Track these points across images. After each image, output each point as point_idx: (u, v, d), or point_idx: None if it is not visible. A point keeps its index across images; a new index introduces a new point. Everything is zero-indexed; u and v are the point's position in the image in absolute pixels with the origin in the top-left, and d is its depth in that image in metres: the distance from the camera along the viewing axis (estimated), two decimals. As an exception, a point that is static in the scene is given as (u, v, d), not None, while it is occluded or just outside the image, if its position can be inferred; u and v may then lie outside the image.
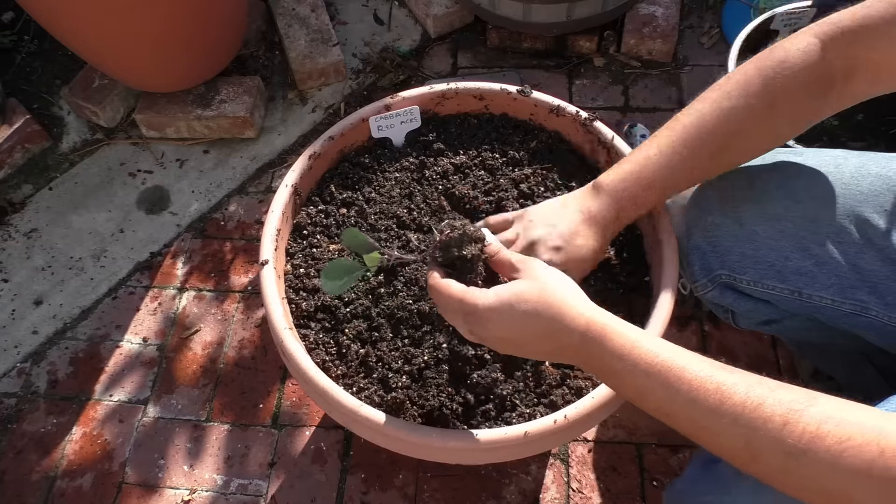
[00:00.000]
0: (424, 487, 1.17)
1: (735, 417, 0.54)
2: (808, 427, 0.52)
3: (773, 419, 0.53)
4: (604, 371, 0.63)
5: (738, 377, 0.56)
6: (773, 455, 0.53)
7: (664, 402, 0.58)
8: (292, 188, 0.96)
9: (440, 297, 0.67)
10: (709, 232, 0.85)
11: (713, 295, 0.88)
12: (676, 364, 0.58)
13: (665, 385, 0.58)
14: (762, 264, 0.81)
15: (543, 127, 1.06)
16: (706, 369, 0.57)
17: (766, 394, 0.54)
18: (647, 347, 0.60)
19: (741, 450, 0.55)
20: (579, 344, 0.62)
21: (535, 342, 0.65)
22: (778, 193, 0.81)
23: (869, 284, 0.76)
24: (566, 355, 0.65)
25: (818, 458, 0.51)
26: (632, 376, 0.60)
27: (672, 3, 1.71)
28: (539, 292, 0.63)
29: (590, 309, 0.63)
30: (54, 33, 1.49)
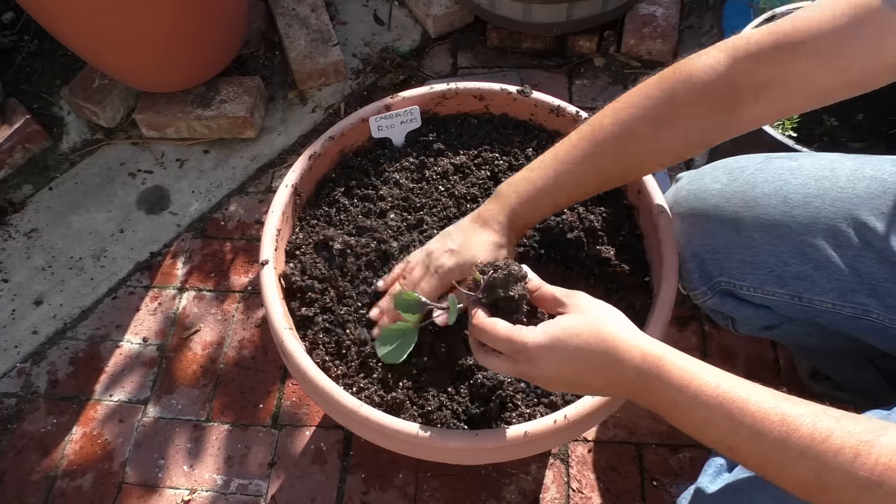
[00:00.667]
0: (424, 487, 1.17)
1: (803, 450, 0.53)
2: (880, 459, 0.51)
3: (844, 451, 0.52)
4: (661, 404, 0.61)
5: (803, 408, 0.55)
6: (845, 489, 0.52)
7: (727, 435, 0.57)
8: (292, 188, 0.96)
9: (486, 336, 0.66)
10: (707, 239, 0.85)
11: (713, 302, 0.88)
12: (739, 396, 0.57)
13: (728, 418, 0.57)
14: (761, 270, 0.81)
15: (543, 127, 1.06)
16: (770, 400, 0.56)
17: (833, 425, 0.53)
18: (707, 378, 0.58)
19: (811, 483, 0.54)
20: (635, 377, 0.61)
21: (587, 377, 0.64)
22: (775, 199, 0.81)
23: (869, 287, 0.76)
24: (620, 389, 0.64)
25: (893, 490, 0.50)
26: (691, 409, 0.59)
27: (672, 3, 1.71)
28: (590, 326, 0.63)
29: (643, 340, 0.63)
30: (54, 33, 1.49)
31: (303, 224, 0.99)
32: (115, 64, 1.54)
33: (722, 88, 0.72)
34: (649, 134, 0.77)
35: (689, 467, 1.16)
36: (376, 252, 0.92)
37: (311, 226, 0.98)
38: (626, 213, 0.97)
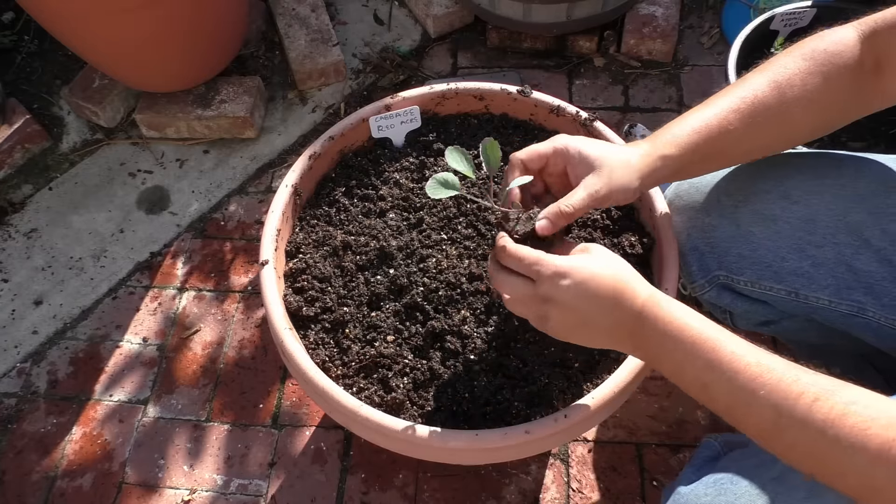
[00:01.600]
0: (424, 487, 1.17)
1: (769, 391, 0.56)
2: (835, 406, 0.53)
3: (805, 396, 0.54)
4: (649, 345, 0.64)
5: (777, 358, 0.58)
6: (799, 431, 0.54)
7: (703, 372, 0.60)
8: (292, 188, 0.96)
9: (513, 259, 0.67)
10: (706, 233, 0.85)
11: (711, 296, 0.88)
12: (719, 339, 0.60)
13: (706, 355, 0.60)
14: (759, 265, 0.81)
15: (544, 127, 1.06)
16: (747, 346, 0.60)
17: (801, 374, 0.56)
18: (692, 322, 0.62)
19: (770, 425, 0.56)
20: (634, 319, 0.65)
21: (597, 314, 0.65)
22: (774, 194, 0.81)
23: (865, 285, 0.76)
24: (619, 331, 0.66)
25: (841, 435, 0.52)
26: (675, 347, 0.62)
27: (672, 3, 1.71)
28: (609, 267, 0.66)
29: (650, 289, 0.66)
30: (54, 33, 1.49)
31: (303, 224, 0.99)
32: (115, 64, 1.54)
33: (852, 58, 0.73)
34: (802, 102, 0.75)
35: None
36: (376, 252, 0.92)
37: (311, 226, 0.98)
38: (628, 212, 0.97)
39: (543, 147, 0.75)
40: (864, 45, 0.73)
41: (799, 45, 0.76)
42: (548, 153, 0.75)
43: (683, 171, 0.78)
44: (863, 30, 0.73)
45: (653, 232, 0.92)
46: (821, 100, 0.74)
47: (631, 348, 0.68)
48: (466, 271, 0.89)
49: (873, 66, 0.73)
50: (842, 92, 0.74)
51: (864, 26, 0.73)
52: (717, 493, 0.70)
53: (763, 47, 1.33)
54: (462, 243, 0.92)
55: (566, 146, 0.74)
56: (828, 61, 0.73)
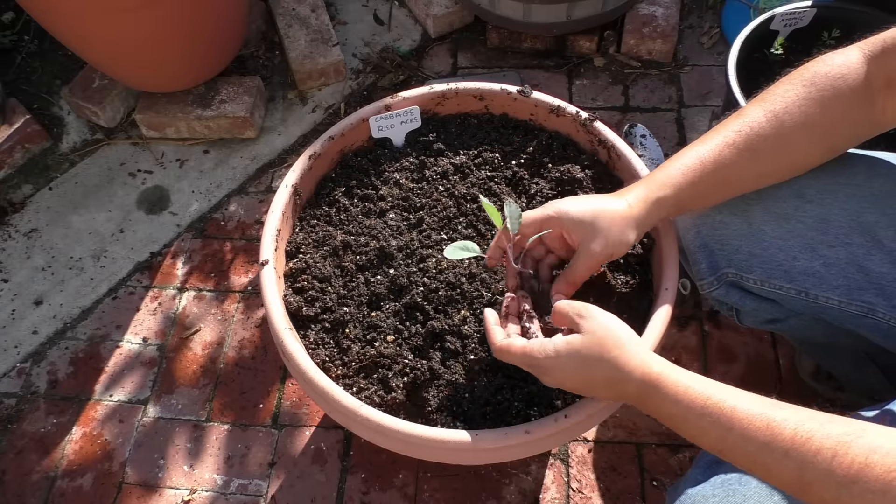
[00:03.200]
0: (424, 487, 1.17)
1: (786, 451, 0.57)
2: (856, 458, 0.53)
3: (823, 452, 0.55)
4: (660, 415, 0.67)
5: (787, 413, 0.59)
6: (825, 486, 0.55)
7: (718, 441, 0.62)
8: (292, 188, 0.96)
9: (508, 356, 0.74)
10: (717, 230, 0.85)
11: (719, 293, 0.88)
12: (727, 404, 0.61)
13: (717, 425, 0.61)
14: (770, 264, 0.81)
15: (544, 127, 1.06)
16: (756, 407, 0.60)
17: (815, 428, 0.57)
18: (699, 390, 0.63)
19: (794, 482, 0.57)
20: (637, 391, 0.67)
21: (596, 388, 0.71)
22: (787, 193, 0.81)
23: (877, 286, 0.76)
24: (626, 399, 0.70)
25: (868, 487, 0.53)
26: (686, 419, 0.64)
27: (672, 3, 1.71)
28: (598, 346, 0.68)
29: (645, 359, 0.68)
30: (54, 33, 1.49)
31: (303, 224, 0.99)
32: (114, 64, 1.54)
33: (857, 79, 0.72)
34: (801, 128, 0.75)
35: (689, 467, 1.16)
36: (376, 252, 0.92)
37: (311, 226, 0.98)
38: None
39: (536, 214, 0.79)
40: (873, 64, 0.72)
41: (799, 71, 0.76)
42: (540, 220, 0.79)
43: (682, 208, 0.79)
44: (870, 50, 0.73)
45: (653, 232, 0.92)
46: (823, 124, 0.74)
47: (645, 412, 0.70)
48: (466, 271, 0.89)
49: (885, 84, 0.72)
50: (846, 114, 0.74)
51: (871, 46, 0.73)
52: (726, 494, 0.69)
53: (763, 47, 1.33)
54: (462, 243, 0.92)
55: (558, 213, 0.78)
56: (829, 85, 0.73)
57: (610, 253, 0.77)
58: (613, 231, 0.76)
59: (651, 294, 0.90)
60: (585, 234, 0.76)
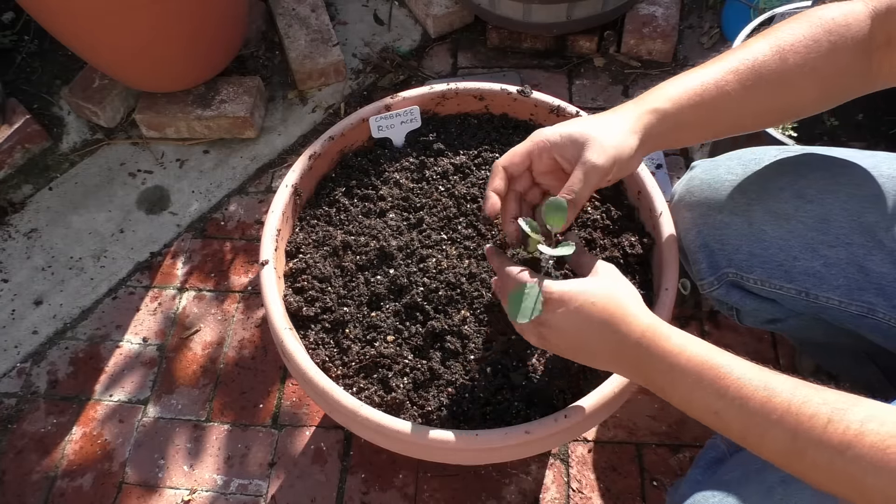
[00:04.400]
0: (424, 487, 1.17)
1: (781, 415, 0.56)
2: (851, 425, 0.52)
3: (818, 417, 0.54)
4: (654, 375, 0.65)
5: (782, 379, 0.58)
6: (818, 452, 0.54)
7: (712, 402, 0.60)
8: (292, 188, 0.96)
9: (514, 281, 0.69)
10: (718, 230, 0.85)
11: (719, 293, 0.88)
12: (724, 364, 0.60)
13: (713, 385, 0.60)
14: (770, 264, 0.81)
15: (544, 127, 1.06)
16: (753, 370, 0.60)
17: (811, 394, 0.56)
18: (696, 350, 0.62)
19: (788, 448, 0.56)
20: (634, 347, 0.65)
21: (595, 340, 0.67)
22: (788, 193, 0.81)
23: (877, 286, 0.76)
24: (621, 359, 0.67)
25: (861, 455, 0.51)
26: (682, 377, 0.62)
27: (672, 3, 1.71)
28: (608, 293, 0.66)
29: (650, 316, 0.66)
30: (54, 33, 1.49)
31: (303, 224, 0.99)
32: (115, 64, 1.54)
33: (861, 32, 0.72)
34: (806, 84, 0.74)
35: (689, 467, 1.16)
36: (376, 252, 0.92)
37: (311, 226, 0.98)
38: (628, 213, 0.97)
39: (523, 146, 0.74)
40: (876, 20, 0.72)
41: (806, 13, 0.75)
42: (529, 150, 0.73)
43: (678, 130, 0.74)
44: (875, 6, 0.72)
45: (652, 232, 0.92)
46: (825, 69, 0.73)
47: (638, 378, 0.68)
48: (466, 271, 0.89)
49: (885, 42, 0.72)
50: (847, 64, 0.73)
51: (876, 2, 0.72)
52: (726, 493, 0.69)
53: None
54: (462, 243, 0.92)
55: (545, 136, 0.72)
56: (835, 31, 0.72)
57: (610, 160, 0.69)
58: (610, 136, 0.69)
59: (651, 294, 0.90)
60: (581, 149, 0.69)
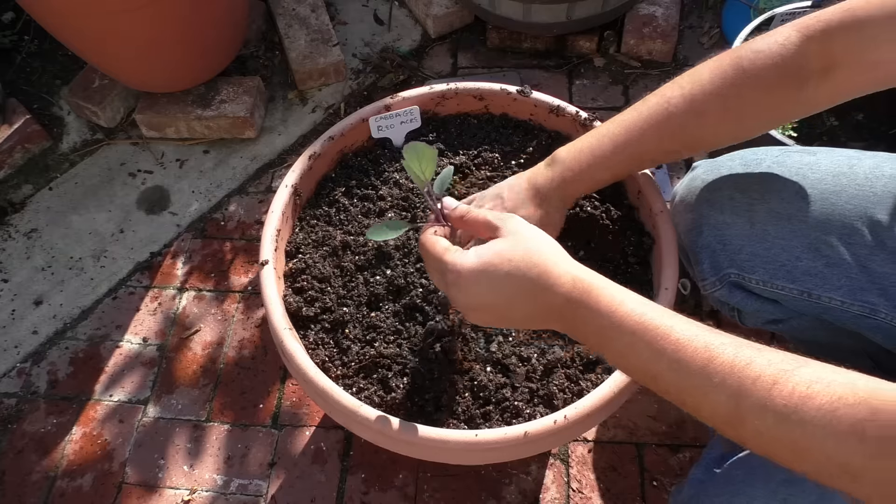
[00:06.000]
0: (424, 487, 1.17)
1: (723, 377, 0.52)
2: (797, 387, 0.50)
3: (763, 379, 0.51)
4: (588, 332, 0.61)
5: (726, 338, 0.54)
6: (761, 416, 0.51)
7: (650, 363, 0.57)
8: (292, 188, 0.96)
9: (425, 253, 0.66)
10: (719, 230, 0.85)
11: (721, 294, 0.88)
12: (664, 324, 0.56)
13: (651, 345, 0.56)
14: (773, 264, 0.81)
15: (543, 127, 1.06)
16: (693, 329, 0.56)
17: (755, 355, 0.53)
18: (633, 307, 0.58)
19: (729, 412, 0.53)
20: (563, 304, 0.60)
21: (517, 305, 0.62)
22: (791, 193, 0.81)
23: (879, 287, 0.76)
24: (549, 318, 0.63)
25: (808, 418, 0.49)
26: (616, 336, 0.58)
27: (672, 3, 1.71)
28: (523, 251, 0.61)
29: (574, 267, 0.62)
30: (54, 33, 1.49)
31: (303, 224, 0.99)
32: (115, 64, 1.54)
33: (791, 64, 0.71)
34: (717, 111, 0.75)
35: (689, 467, 1.16)
36: (374, 251, 0.92)
37: (311, 226, 0.98)
38: (628, 212, 0.97)
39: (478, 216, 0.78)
40: (811, 45, 0.71)
41: (729, 51, 0.76)
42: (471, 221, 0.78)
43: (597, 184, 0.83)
44: (809, 31, 0.71)
45: (652, 231, 0.92)
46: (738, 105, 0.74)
47: (568, 332, 0.64)
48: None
49: (822, 66, 0.71)
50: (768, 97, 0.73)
51: (809, 28, 0.71)
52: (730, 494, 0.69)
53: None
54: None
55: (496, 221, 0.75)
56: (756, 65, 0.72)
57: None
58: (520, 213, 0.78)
59: (651, 294, 0.90)
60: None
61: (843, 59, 0.70)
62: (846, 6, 0.69)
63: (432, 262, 0.65)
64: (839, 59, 0.70)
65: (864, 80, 0.71)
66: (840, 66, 0.70)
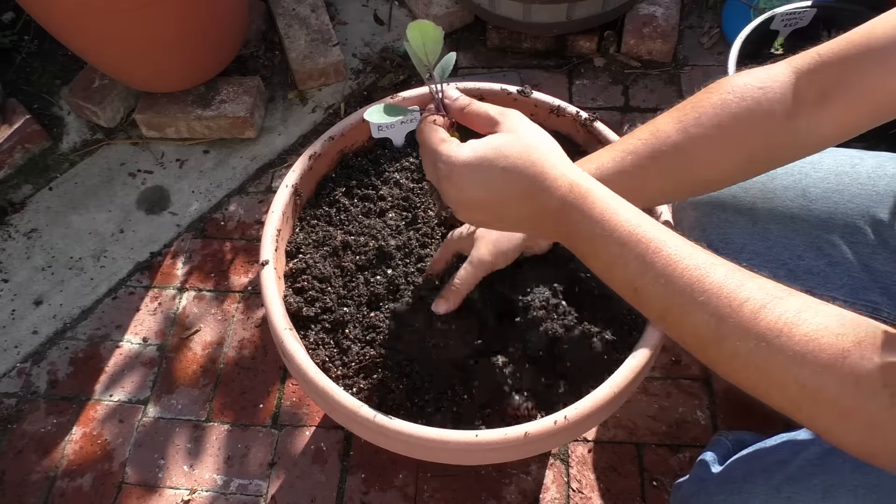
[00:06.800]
0: (424, 487, 1.17)
1: (710, 297, 0.51)
2: (785, 313, 0.49)
3: (751, 302, 0.50)
4: (579, 238, 0.58)
5: (719, 260, 0.53)
6: (743, 339, 0.49)
7: (636, 276, 0.55)
8: (292, 188, 0.96)
9: (421, 142, 0.63)
10: (722, 228, 0.85)
11: None
12: (657, 237, 0.54)
13: (640, 257, 0.54)
14: (774, 262, 0.81)
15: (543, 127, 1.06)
16: (687, 248, 0.54)
17: (745, 279, 0.51)
18: (628, 216, 0.56)
19: (709, 333, 0.52)
20: (558, 207, 0.58)
21: (510, 204, 0.60)
22: (793, 191, 0.81)
23: (881, 286, 0.76)
24: (543, 221, 0.60)
25: (790, 344, 0.48)
26: (606, 244, 0.56)
27: (672, 3, 1.71)
28: (522, 148, 0.58)
29: (574, 171, 0.59)
30: (54, 33, 1.49)
31: (303, 224, 0.99)
32: (115, 64, 1.54)
33: (778, 95, 0.68)
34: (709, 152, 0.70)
35: (689, 467, 1.16)
36: (375, 251, 0.92)
37: (311, 226, 0.98)
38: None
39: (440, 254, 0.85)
40: (802, 79, 0.68)
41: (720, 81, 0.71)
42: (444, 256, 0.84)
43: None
44: (801, 65, 0.68)
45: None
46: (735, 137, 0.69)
47: (560, 239, 0.62)
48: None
49: (815, 99, 0.68)
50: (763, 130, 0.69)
51: (801, 61, 0.68)
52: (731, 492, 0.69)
53: (763, 47, 1.33)
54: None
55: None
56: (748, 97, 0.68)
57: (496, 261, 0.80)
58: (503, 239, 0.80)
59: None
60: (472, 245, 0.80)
61: (836, 88, 0.67)
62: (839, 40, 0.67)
63: (427, 153, 0.62)
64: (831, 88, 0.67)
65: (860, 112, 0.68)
66: (833, 95, 0.67)
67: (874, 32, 0.65)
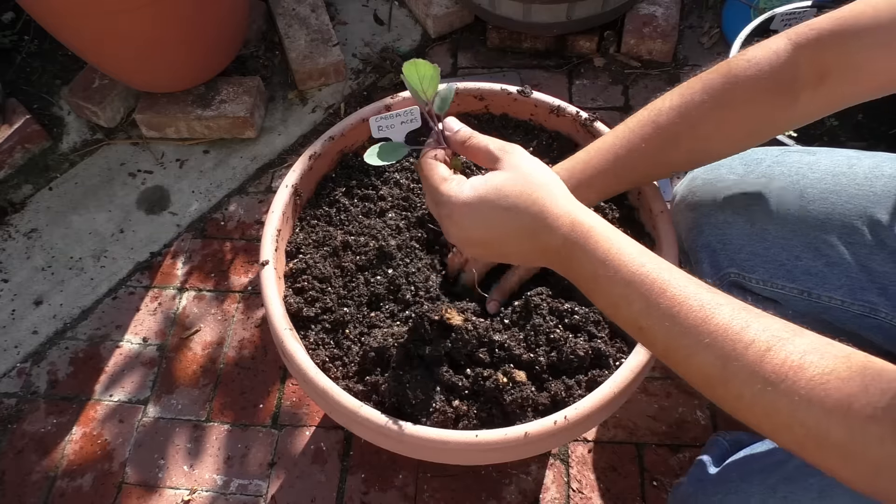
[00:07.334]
0: (424, 487, 1.17)
1: (715, 339, 0.51)
2: (790, 356, 0.49)
3: (756, 344, 0.50)
4: (583, 276, 0.59)
5: (723, 299, 0.53)
6: (748, 382, 0.50)
7: (641, 315, 0.55)
8: (292, 188, 0.96)
9: (423, 178, 0.64)
10: (720, 229, 0.85)
11: None
12: (661, 277, 0.55)
13: (644, 297, 0.54)
14: (772, 263, 0.81)
15: (544, 127, 1.06)
16: (692, 287, 0.54)
17: (751, 319, 0.51)
18: (633, 255, 0.56)
19: (714, 374, 0.52)
20: (560, 245, 0.59)
21: (513, 242, 0.61)
22: (791, 192, 0.81)
23: (879, 286, 0.76)
24: (545, 257, 0.61)
25: (796, 388, 0.48)
26: (610, 284, 0.56)
27: (672, 3, 1.71)
28: (522, 186, 0.59)
29: (575, 208, 0.60)
30: (54, 33, 1.49)
31: (303, 224, 0.99)
32: (115, 64, 1.54)
33: (783, 74, 0.70)
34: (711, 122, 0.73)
35: (689, 467, 1.16)
36: (375, 251, 0.92)
37: (311, 226, 0.98)
38: (628, 213, 0.97)
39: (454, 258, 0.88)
40: (804, 53, 0.69)
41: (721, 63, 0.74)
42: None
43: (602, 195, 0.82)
44: (801, 40, 0.70)
45: (652, 232, 0.92)
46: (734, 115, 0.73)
47: (563, 273, 0.62)
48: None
49: (815, 75, 0.70)
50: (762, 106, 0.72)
51: (802, 36, 0.70)
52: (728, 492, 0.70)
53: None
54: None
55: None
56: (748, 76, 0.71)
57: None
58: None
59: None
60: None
61: (836, 67, 0.69)
62: (838, 14, 0.69)
63: (428, 192, 0.63)
64: (832, 67, 0.69)
65: (857, 88, 0.71)
66: (833, 74, 0.69)
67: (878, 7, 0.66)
